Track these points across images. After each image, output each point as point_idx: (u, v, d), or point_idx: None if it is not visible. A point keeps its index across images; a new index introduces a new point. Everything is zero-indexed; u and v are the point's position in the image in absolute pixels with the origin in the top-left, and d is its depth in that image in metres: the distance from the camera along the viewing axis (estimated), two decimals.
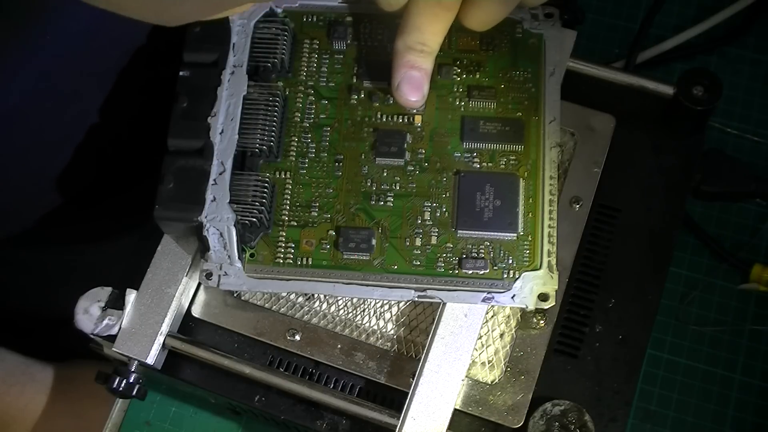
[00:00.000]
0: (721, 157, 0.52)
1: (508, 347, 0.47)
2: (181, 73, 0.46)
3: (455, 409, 0.44)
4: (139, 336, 0.46)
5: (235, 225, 0.43)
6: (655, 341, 0.57)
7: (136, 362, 0.47)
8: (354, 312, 0.48)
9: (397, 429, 0.43)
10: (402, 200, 0.45)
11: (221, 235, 0.43)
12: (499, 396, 0.45)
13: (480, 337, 0.46)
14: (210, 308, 0.49)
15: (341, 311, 0.48)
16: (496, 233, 0.44)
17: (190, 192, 0.44)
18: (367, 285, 0.44)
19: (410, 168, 0.46)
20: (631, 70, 0.61)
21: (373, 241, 0.44)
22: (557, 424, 0.43)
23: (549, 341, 0.47)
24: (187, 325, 0.49)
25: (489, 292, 0.43)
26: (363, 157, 0.46)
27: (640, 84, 0.51)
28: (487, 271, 0.44)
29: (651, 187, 0.50)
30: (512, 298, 0.43)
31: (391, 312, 0.48)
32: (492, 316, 0.47)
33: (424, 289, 0.44)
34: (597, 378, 0.46)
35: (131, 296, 0.47)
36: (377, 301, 0.48)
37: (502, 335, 0.47)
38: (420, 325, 0.48)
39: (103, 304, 0.47)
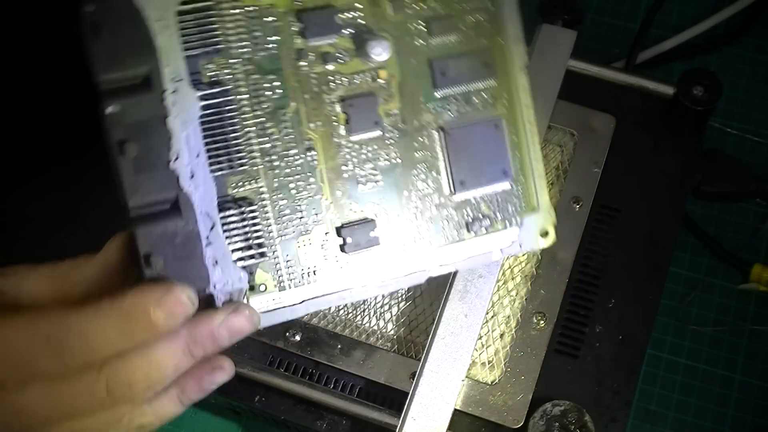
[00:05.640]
0: (721, 157, 0.52)
1: (508, 347, 0.47)
2: (108, 110, 0.33)
3: (455, 409, 0.44)
4: None
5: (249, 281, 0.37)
6: (655, 341, 0.57)
7: None
8: (354, 312, 0.48)
9: (397, 429, 0.43)
10: (391, 176, 0.40)
11: (231, 299, 0.37)
12: (499, 396, 0.45)
13: (480, 338, 0.46)
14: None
15: (341, 311, 0.48)
16: (492, 185, 0.41)
17: (186, 265, 0.35)
18: (382, 281, 0.40)
19: (388, 135, 0.40)
20: (631, 70, 0.61)
21: (377, 232, 0.40)
22: (557, 424, 0.43)
23: (549, 341, 0.47)
24: None
25: (498, 248, 0.41)
26: (335, 136, 0.39)
27: (640, 84, 0.51)
28: (491, 226, 0.41)
29: (651, 187, 0.50)
30: (520, 246, 0.41)
31: (391, 312, 0.48)
32: (492, 317, 0.47)
33: (436, 265, 0.40)
34: (597, 378, 0.46)
35: None
36: (377, 301, 0.48)
37: (502, 335, 0.47)
38: (420, 325, 0.48)
39: None
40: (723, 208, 0.60)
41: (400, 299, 0.49)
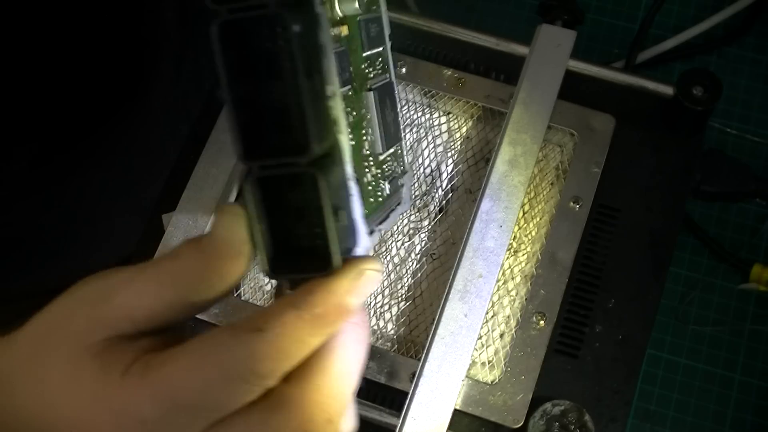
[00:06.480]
0: (721, 157, 0.52)
1: (508, 347, 0.47)
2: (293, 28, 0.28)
3: (455, 409, 0.44)
4: None
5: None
6: (655, 341, 0.57)
7: None
8: None
9: (397, 429, 0.43)
10: (354, 135, 0.37)
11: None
12: (499, 396, 0.45)
13: (480, 337, 0.46)
14: (210, 308, 0.49)
15: None
16: (397, 145, 0.41)
17: (350, 219, 0.31)
18: None
19: (350, 93, 0.37)
20: (631, 70, 0.61)
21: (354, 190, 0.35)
22: (557, 424, 0.43)
23: (549, 341, 0.47)
24: (187, 325, 0.49)
25: (397, 203, 0.41)
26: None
27: (640, 84, 0.51)
28: (399, 183, 0.41)
29: (651, 187, 0.50)
30: (403, 206, 0.41)
31: (391, 312, 0.48)
32: (492, 317, 0.47)
33: (373, 230, 0.38)
34: (597, 378, 0.46)
35: None
36: (377, 301, 0.48)
37: (502, 335, 0.47)
38: (420, 325, 0.48)
39: None
40: (723, 208, 0.60)
41: (400, 299, 0.49)
